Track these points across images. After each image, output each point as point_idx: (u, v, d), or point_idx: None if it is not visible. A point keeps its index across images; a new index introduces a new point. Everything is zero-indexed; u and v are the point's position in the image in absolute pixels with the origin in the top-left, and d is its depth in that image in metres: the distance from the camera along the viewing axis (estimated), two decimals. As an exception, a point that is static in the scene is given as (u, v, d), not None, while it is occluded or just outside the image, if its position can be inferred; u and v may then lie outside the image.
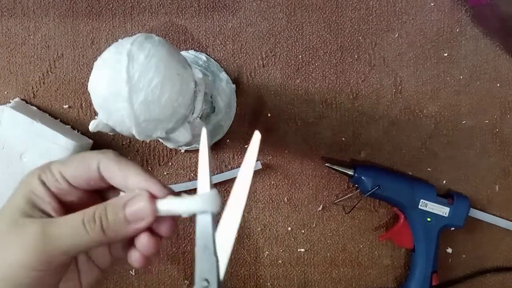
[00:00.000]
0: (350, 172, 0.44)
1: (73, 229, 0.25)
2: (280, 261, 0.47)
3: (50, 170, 0.27)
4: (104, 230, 0.25)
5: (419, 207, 0.44)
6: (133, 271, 0.46)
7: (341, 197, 0.46)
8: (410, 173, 0.47)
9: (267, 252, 0.47)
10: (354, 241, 0.47)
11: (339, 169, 0.45)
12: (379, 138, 0.46)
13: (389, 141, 0.47)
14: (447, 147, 0.47)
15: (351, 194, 0.46)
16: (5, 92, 0.44)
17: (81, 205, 0.27)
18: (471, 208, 0.45)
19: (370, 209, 0.47)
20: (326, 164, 0.45)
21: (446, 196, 0.45)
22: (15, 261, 0.25)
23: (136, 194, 0.26)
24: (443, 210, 0.44)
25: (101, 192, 0.29)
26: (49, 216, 0.26)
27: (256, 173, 0.46)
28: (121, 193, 0.27)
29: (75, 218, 0.25)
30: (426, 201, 0.44)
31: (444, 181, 0.47)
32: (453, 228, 0.45)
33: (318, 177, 0.46)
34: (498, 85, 0.46)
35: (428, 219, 0.44)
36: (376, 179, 0.44)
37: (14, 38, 0.44)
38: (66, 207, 0.27)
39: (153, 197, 0.25)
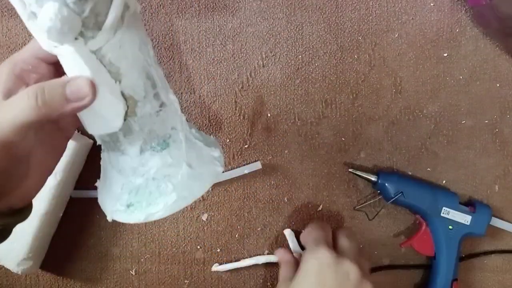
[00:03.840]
0: (374, 178, 0.45)
1: (18, 104, 0.28)
2: (280, 261, 0.47)
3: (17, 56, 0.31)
4: (42, 105, 0.27)
5: (441, 214, 0.44)
6: (133, 270, 0.46)
7: (362, 203, 0.46)
8: (410, 173, 0.47)
9: (267, 252, 0.47)
10: (354, 241, 0.47)
11: (362, 175, 0.45)
12: (379, 138, 0.46)
13: (389, 141, 0.47)
14: (447, 147, 0.47)
15: (372, 201, 0.46)
16: (5, 92, 0.44)
17: None
18: (492, 217, 0.46)
19: (372, 212, 0.47)
20: (349, 170, 0.45)
21: (467, 204, 0.46)
22: None
23: (79, 75, 0.27)
24: (465, 218, 0.44)
25: None
26: None
27: (256, 173, 0.46)
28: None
29: (21, 94, 0.28)
30: (448, 209, 0.44)
31: (444, 181, 0.47)
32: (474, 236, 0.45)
33: (318, 177, 0.46)
34: (498, 85, 0.46)
35: (450, 227, 0.44)
36: (399, 186, 0.44)
37: (14, 38, 0.44)
38: None
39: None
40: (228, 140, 0.46)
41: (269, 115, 0.46)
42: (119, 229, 0.46)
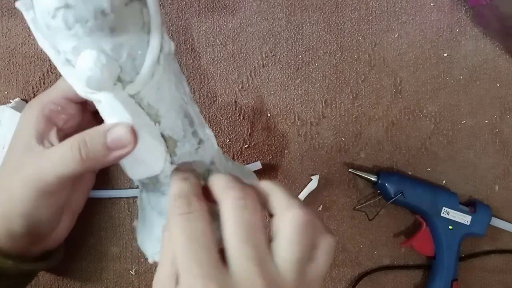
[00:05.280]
0: (374, 179, 0.45)
1: (62, 157, 0.28)
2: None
3: (47, 96, 0.31)
4: (86, 158, 0.27)
5: (441, 214, 0.44)
6: (133, 270, 0.46)
7: (362, 203, 0.46)
8: (410, 173, 0.47)
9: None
10: (354, 241, 0.47)
11: (362, 175, 0.45)
12: (379, 138, 0.46)
13: (389, 141, 0.47)
14: (447, 147, 0.47)
15: (372, 201, 0.46)
16: (6, 92, 0.44)
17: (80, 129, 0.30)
18: (492, 217, 0.46)
19: (372, 212, 0.47)
20: (349, 170, 0.45)
21: (467, 204, 0.46)
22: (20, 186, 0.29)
23: (118, 122, 0.26)
24: (465, 219, 0.44)
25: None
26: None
27: (256, 173, 0.46)
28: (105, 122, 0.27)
29: (62, 146, 0.28)
30: (448, 209, 0.44)
31: (444, 181, 0.47)
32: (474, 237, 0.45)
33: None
34: (498, 85, 0.46)
35: (450, 227, 0.44)
36: (399, 186, 0.44)
37: (14, 38, 0.44)
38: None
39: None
40: (228, 140, 0.46)
41: (269, 115, 0.46)
42: (119, 229, 0.46)
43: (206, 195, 0.27)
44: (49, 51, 0.25)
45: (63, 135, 0.31)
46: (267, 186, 0.27)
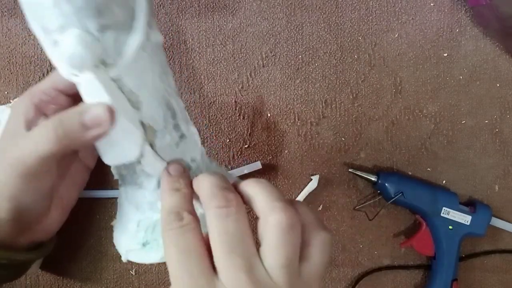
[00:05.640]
0: (374, 179, 0.45)
1: (39, 136, 0.28)
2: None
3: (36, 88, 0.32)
4: (62, 135, 0.27)
5: (441, 214, 0.44)
6: (133, 270, 0.46)
7: (362, 203, 0.46)
8: (410, 173, 0.47)
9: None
10: (354, 241, 0.47)
11: (362, 175, 0.45)
12: (379, 138, 0.46)
13: (389, 141, 0.47)
14: (447, 147, 0.47)
15: (372, 201, 0.46)
16: (5, 92, 0.44)
17: None
18: (492, 217, 0.46)
19: (372, 212, 0.47)
20: (349, 170, 0.45)
21: (467, 204, 0.46)
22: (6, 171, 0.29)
23: (94, 103, 0.27)
24: (465, 219, 0.44)
25: None
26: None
27: (256, 173, 0.46)
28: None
29: (40, 128, 0.28)
30: (448, 209, 0.44)
31: (444, 181, 0.47)
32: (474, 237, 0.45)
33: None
34: (498, 85, 0.46)
35: (450, 227, 0.44)
36: (399, 186, 0.44)
37: (14, 38, 0.44)
38: None
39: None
40: (228, 140, 0.46)
41: (269, 115, 0.46)
42: (119, 229, 0.46)
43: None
44: (38, 32, 0.25)
45: None
46: (250, 188, 0.27)
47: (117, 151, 0.28)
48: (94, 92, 0.26)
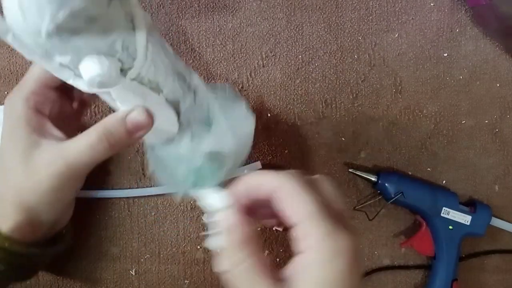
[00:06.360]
0: (374, 179, 0.45)
1: (90, 147, 0.30)
2: (280, 260, 0.47)
3: (24, 86, 0.32)
4: (114, 144, 0.30)
5: (441, 214, 0.44)
6: (133, 270, 0.46)
7: (362, 203, 0.46)
8: (410, 173, 0.47)
9: (267, 252, 0.47)
10: (354, 241, 0.47)
11: (362, 175, 0.45)
12: (379, 138, 0.46)
13: (389, 141, 0.47)
14: (447, 147, 0.47)
15: (372, 201, 0.46)
16: (6, 92, 0.44)
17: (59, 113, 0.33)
18: (492, 217, 0.46)
19: (372, 212, 0.47)
20: (349, 170, 0.45)
21: (467, 204, 0.46)
22: (41, 186, 0.31)
23: (131, 109, 0.29)
24: (465, 219, 0.44)
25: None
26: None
27: (256, 173, 0.46)
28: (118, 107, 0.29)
29: (88, 137, 0.30)
30: (448, 209, 0.44)
31: (444, 181, 0.47)
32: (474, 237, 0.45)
33: (318, 177, 0.46)
34: (498, 85, 0.46)
35: (450, 227, 0.44)
36: (399, 186, 0.44)
37: (14, 38, 0.44)
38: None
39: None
40: (228, 140, 0.46)
41: (269, 115, 0.46)
42: (119, 229, 0.46)
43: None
44: (39, 61, 0.25)
45: (55, 123, 0.33)
46: (288, 194, 0.26)
47: (162, 134, 0.31)
48: (122, 97, 0.28)
